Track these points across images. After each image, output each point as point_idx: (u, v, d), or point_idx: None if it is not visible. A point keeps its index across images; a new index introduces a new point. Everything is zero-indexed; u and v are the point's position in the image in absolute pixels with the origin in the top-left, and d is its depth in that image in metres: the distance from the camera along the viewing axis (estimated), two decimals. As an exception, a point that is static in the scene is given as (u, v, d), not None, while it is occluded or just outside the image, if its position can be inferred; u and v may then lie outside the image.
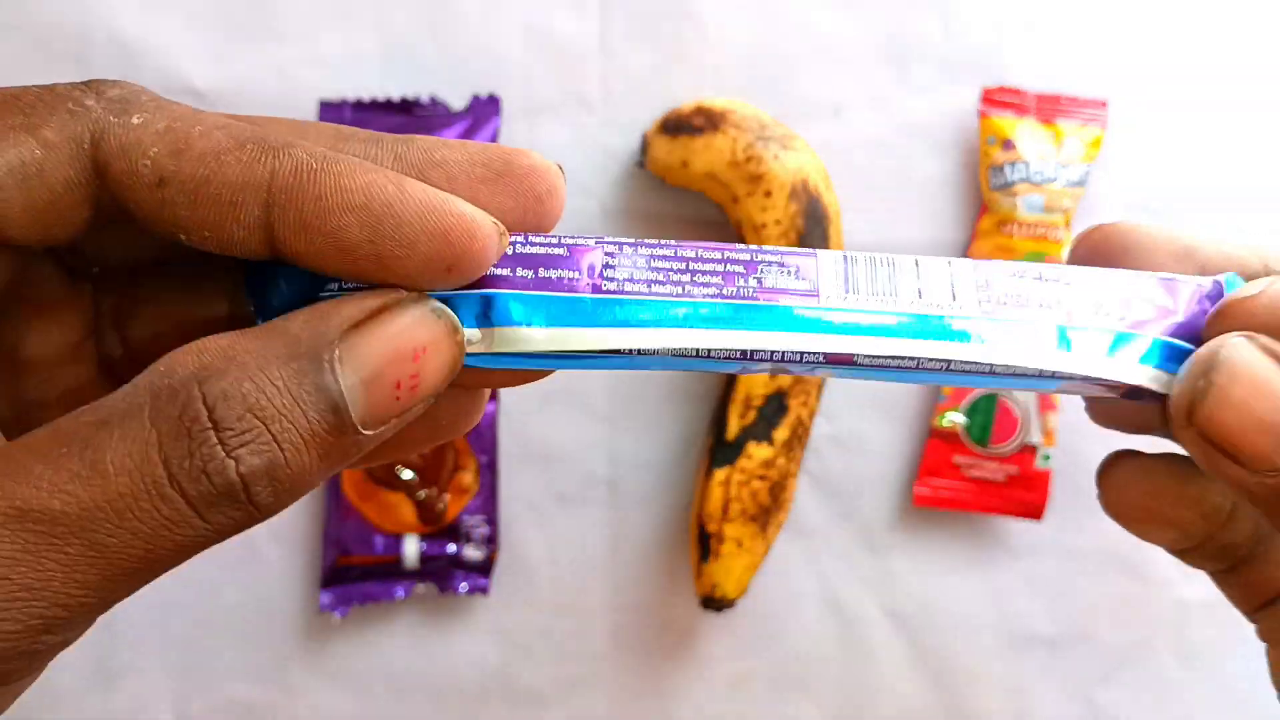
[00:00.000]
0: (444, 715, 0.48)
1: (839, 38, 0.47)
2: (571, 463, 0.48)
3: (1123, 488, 0.22)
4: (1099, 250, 0.22)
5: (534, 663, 0.48)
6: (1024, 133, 0.46)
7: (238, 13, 0.46)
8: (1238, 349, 0.19)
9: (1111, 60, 0.47)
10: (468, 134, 0.46)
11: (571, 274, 0.20)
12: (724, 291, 0.20)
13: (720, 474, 0.44)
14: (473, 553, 0.46)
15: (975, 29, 0.47)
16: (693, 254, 0.20)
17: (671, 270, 0.20)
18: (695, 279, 0.20)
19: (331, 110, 0.46)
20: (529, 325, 0.19)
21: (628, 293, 0.20)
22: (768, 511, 0.45)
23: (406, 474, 0.46)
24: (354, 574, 0.46)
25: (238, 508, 0.16)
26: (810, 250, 0.21)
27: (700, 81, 0.47)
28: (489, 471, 0.47)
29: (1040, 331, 0.20)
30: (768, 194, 0.43)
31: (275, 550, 0.47)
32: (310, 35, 0.46)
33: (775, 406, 0.44)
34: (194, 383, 0.16)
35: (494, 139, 0.46)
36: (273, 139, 0.17)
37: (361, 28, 0.46)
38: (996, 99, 0.46)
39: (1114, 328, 0.20)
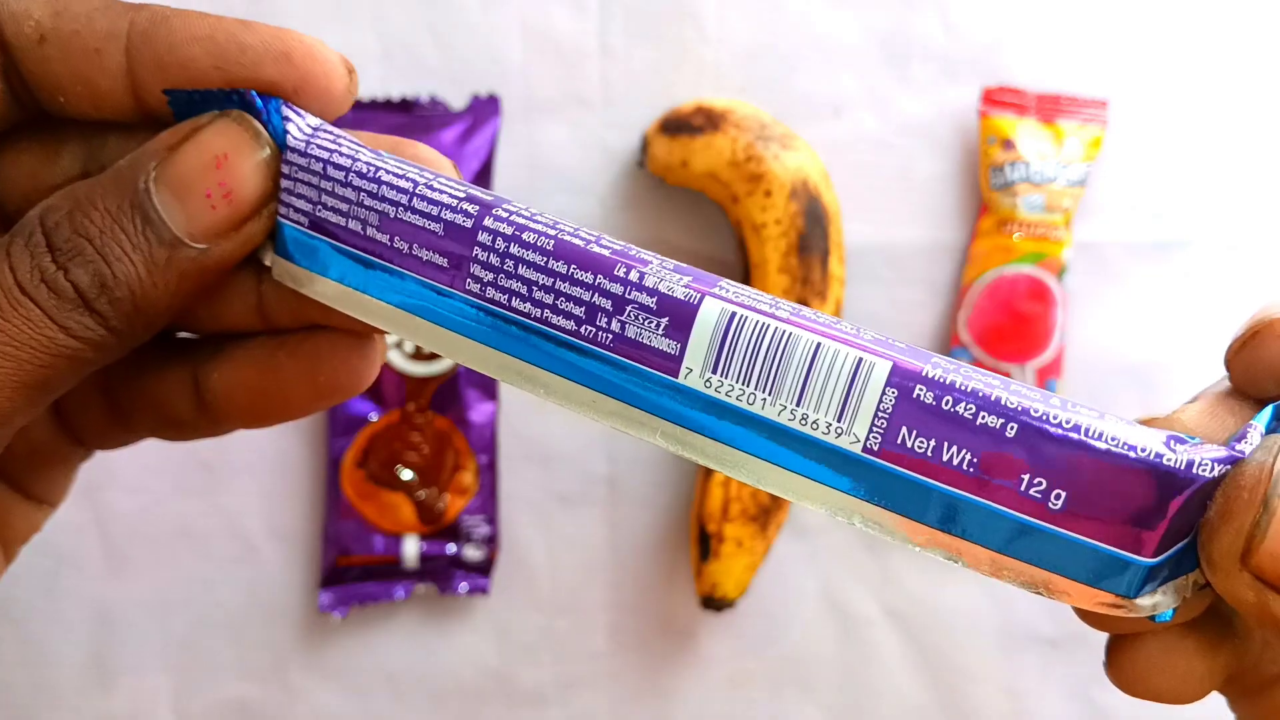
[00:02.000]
0: (444, 715, 0.48)
1: (839, 38, 0.47)
2: (571, 462, 0.48)
3: (1145, 673, 0.18)
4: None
5: (534, 663, 0.48)
6: (1024, 132, 0.46)
7: (237, 13, 0.46)
8: None
9: (1111, 60, 0.47)
10: (468, 133, 0.46)
11: (441, 260, 0.19)
12: (580, 331, 0.18)
13: (720, 474, 0.44)
14: (473, 553, 0.46)
15: (975, 29, 0.47)
16: (564, 269, 0.18)
17: (537, 285, 0.18)
18: (559, 302, 0.18)
19: (331, 110, 0.46)
20: (333, 278, 0.19)
21: (491, 302, 0.18)
22: (768, 511, 0.45)
23: (406, 474, 0.46)
24: (354, 574, 0.46)
25: (84, 314, 0.18)
26: (700, 289, 0.17)
27: (700, 81, 0.47)
28: (489, 471, 0.46)
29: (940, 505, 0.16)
30: (768, 194, 0.43)
31: (275, 550, 0.47)
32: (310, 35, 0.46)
33: (775, 406, 0.44)
34: (37, 217, 0.19)
35: (494, 139, 0.46)
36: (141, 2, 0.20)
37: (361, 28, 0.46)
38: (996, 99, 0.46)
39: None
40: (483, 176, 0.46)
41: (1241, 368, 0.18)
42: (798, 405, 0.16)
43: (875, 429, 0.16)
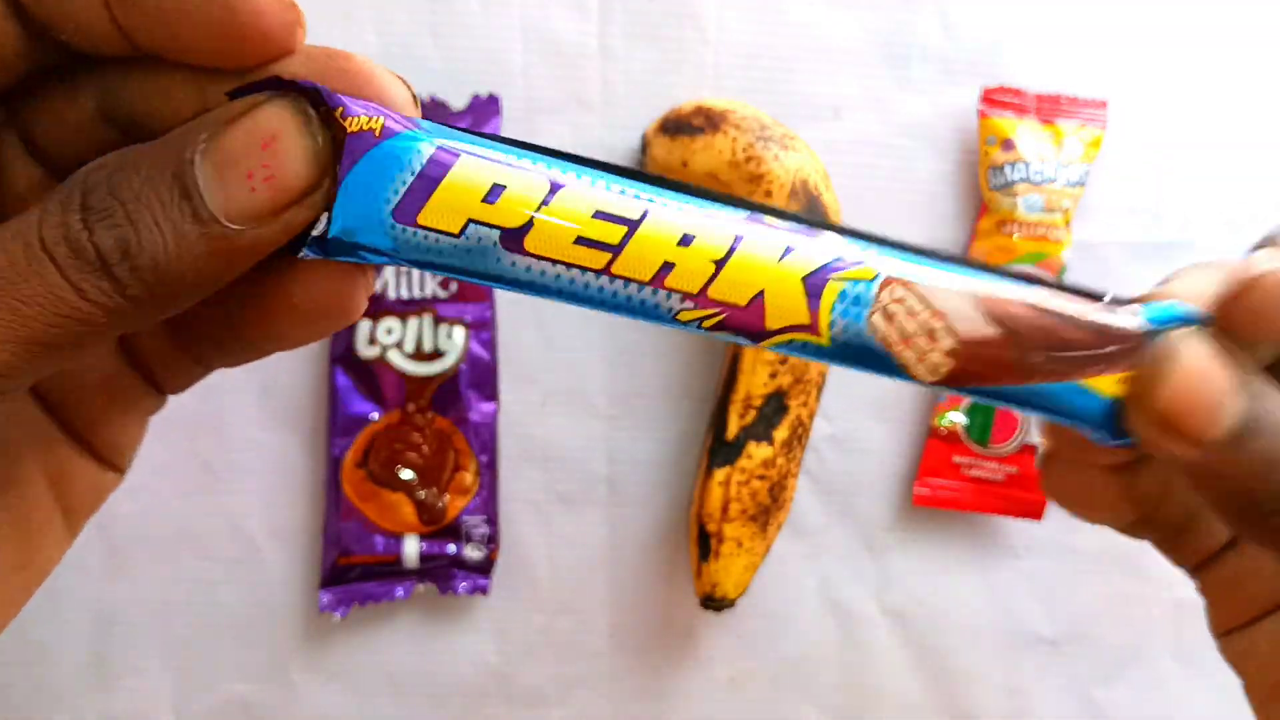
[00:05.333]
0: (444, 715, 0.48)
1: (839, 38, 0.47)
2: (571, 462, 0.48)
3: (1060, 478, 0.24)
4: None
5: (534, 662, 0.48)
6: (1024, 133, 0.46)
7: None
8: (1187, 340, 0.20)
9: (1111, 60, 0.47)
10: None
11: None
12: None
13: (720, 474, 0.44)
14: (473, 553, 0.46)
15: (975, 29, 0.47)
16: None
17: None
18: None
19: (332, 110, 0.46)
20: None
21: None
22: (767, 511, 0.45)
23: (407, 474, 0.46)
24: (354, 574, 0.46)
25: (100, 277, 0.18)
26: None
27: (700, 81, 0.47)
28: (489, 471, 0.47)
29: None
30: (768, 194, 0.43)
31: (275, 550, 0.47)
32: (310, 35, 0.46)
33: (775, 406, 0.44)
34: (83, 173, 0.18)
35: (494, 139, 0.46)
36: None
37: (362, 28, 0.46)
38: (996, 99, 0.46)
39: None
40: (483, 177, 0.46)
41: (1235, 321, 0.21)
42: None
43: None
